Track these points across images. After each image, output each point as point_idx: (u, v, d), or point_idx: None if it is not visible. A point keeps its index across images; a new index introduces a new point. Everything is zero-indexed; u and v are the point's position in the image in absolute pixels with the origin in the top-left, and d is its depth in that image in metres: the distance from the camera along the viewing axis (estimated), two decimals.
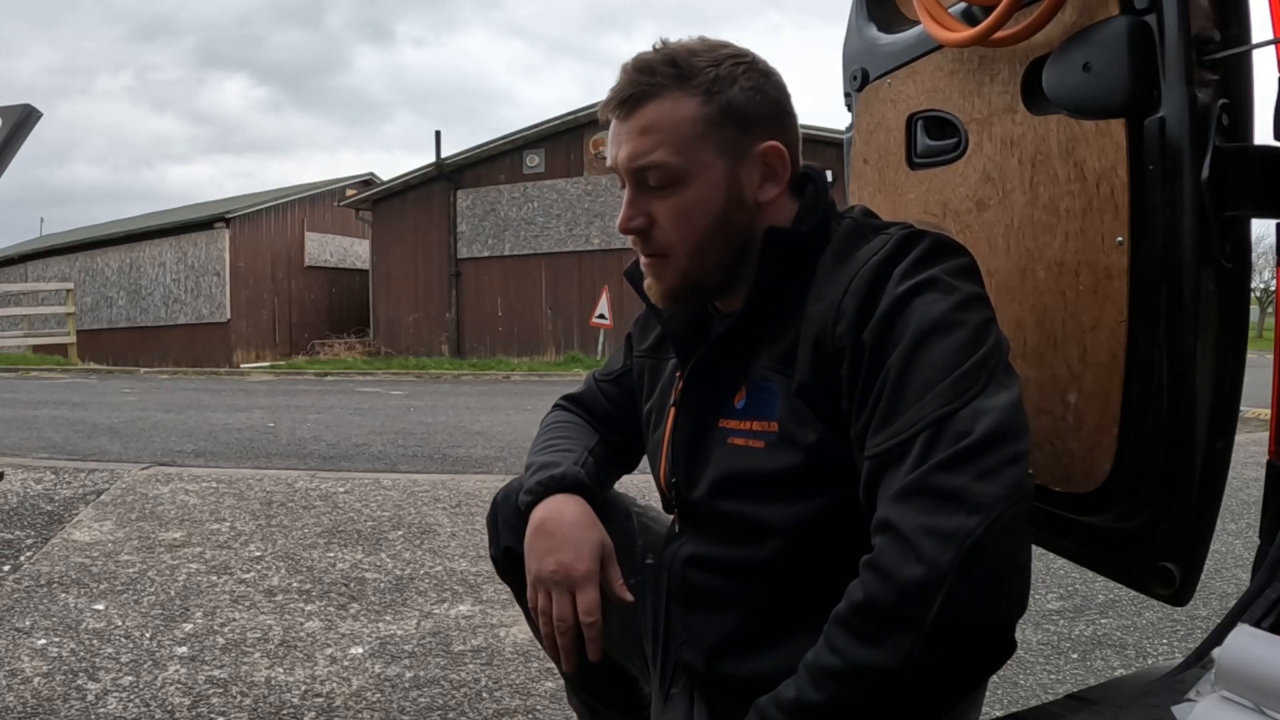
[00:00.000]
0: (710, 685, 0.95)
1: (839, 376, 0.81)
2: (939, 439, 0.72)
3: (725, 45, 0.91)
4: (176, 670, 1.81)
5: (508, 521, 1.15)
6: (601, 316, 12.75)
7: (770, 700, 0.75)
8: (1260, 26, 0.93)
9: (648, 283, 0.95)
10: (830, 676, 0.70)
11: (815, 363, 0.83)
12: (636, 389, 1.12)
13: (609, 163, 0.92)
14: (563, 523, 0.96)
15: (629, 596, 0.95)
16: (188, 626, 2.06)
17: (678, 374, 0.99)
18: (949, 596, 0.66)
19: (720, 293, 0.94)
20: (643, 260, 0.94)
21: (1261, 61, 0.93)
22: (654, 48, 0.90)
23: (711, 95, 0.87)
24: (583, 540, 0.95)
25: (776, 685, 0.75)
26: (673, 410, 0.99)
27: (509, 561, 1.18)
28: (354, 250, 18.94)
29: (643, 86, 0.88)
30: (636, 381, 1.12)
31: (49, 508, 3.10)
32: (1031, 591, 0.76)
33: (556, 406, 1.21)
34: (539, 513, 0.99)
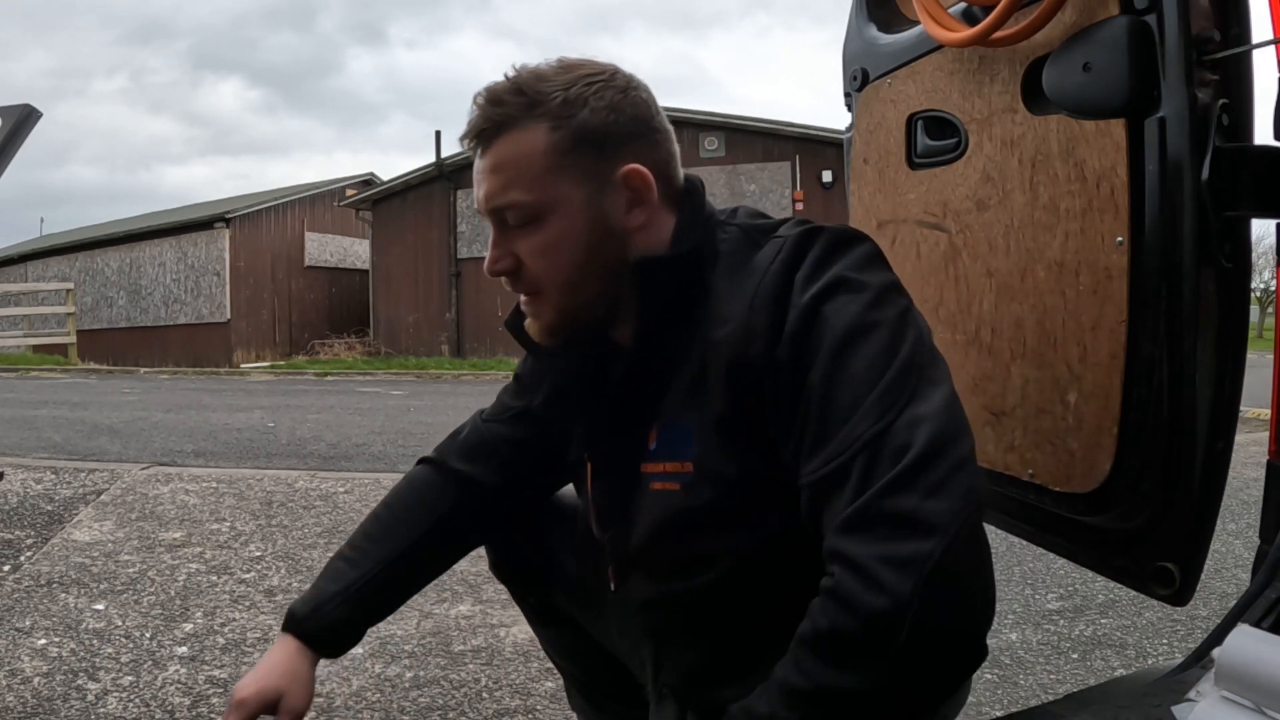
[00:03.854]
0: (693, 707, 0.93)
1: (759, 401, 0.77)
2: (878, 459, 0.69)
3: (581, 65, 0.85)
4: (176, 670, 1.81)
5: (502, 534, 1.15)
6: None
7: (743, 712, 0.72)
8: (1260, 26, 0.93)
9: (527, 322, 0.90)
10: (801, 698, 0.69)
11: (731, 392, 0.78)
12: (548, 440, 1.03)
13: (475, 204, 0.88)
14: (261, 662, 1.00)
15: None
16: (188, 626, 2.06)
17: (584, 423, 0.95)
18: (916, 623, 0.64)
19: (606, 324, 0.89)
20: (521, 300, 0.89)
21: (1261, 61, 0.93)
22: (505, 75, 0.84)
23: (561, 121, 0.82)
24: (259, 679, 0.96)
25: None
26: (588, 465, 0.95)
27: (508, 564, 1.18)
28: (354, 250, 18.94)
29: (492, 121, 0.83)
30: (545, 435, 1.03)
31: (49, 508, 3.10)
32: (1031, 592, 0.75)
33: (423, 462, 1.11)
34: (276, 642, 1.02)
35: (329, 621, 1.01)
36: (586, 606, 1.14)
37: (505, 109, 0.82)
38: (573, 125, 0.82)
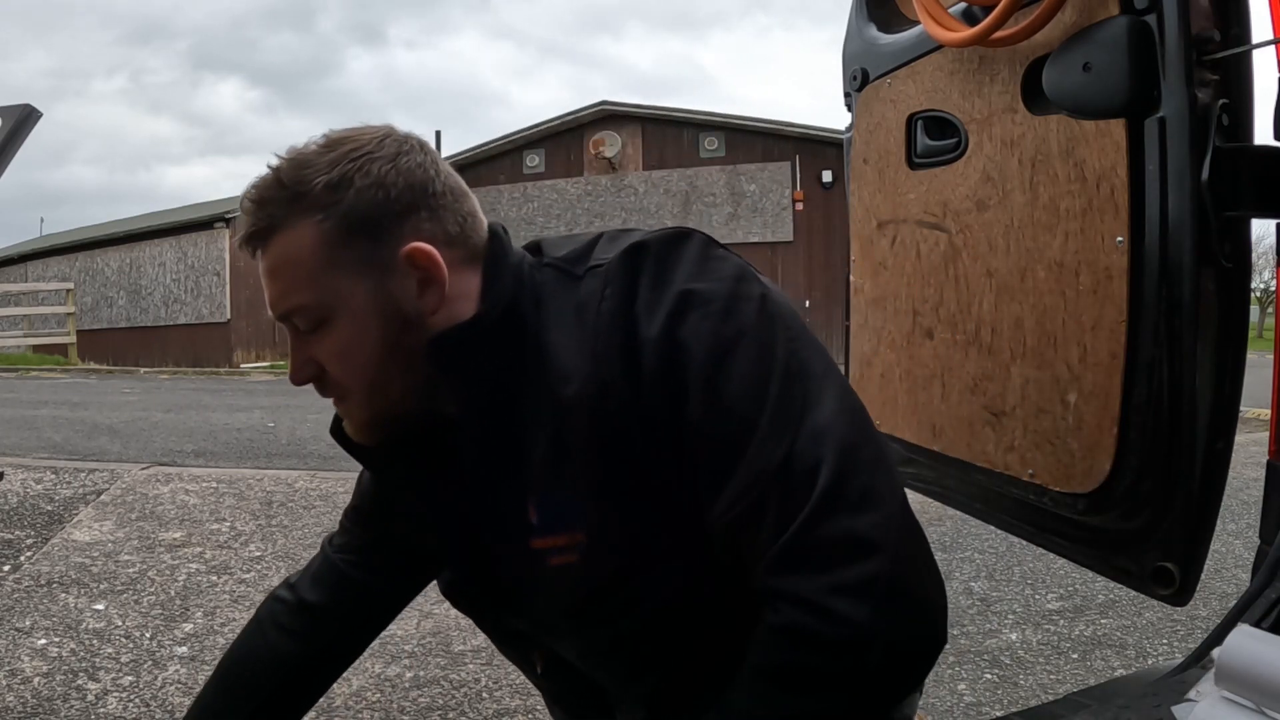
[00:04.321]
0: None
1: (636, 455, 0.71)
2: (792, 488, 0.64)
3: (347, 140, 0.76)
4: (176, 670, 1.81)
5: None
6: None
7: None
8: (1260, 26, 0.93)
9: (346, 424, 0.83)
10: None
11: (600, 451, 0.72)
12: (414, 554, 0.97)
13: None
14: None
15: None
16: (188, 626, 2.06)
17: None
18: (884, 643, 0.63)
19: (429, 414, 0.80)
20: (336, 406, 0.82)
21: (1261, 61, 0.93)
22: (269, 165, 0.76)
23: (328, 210, 0.73)
24: None
25: None
26: (470, 556, 0.87)
27: (453, 594, 1.15)
28: None
29: (260, 223, 0.75)
30: (410, 551, 0.96)
31: (49, 508, 3.10)
32: (1031, 592, 0.76)
33: (272, 600, 1.03)
34: None
35: None
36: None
37: (269, 209, 0.74)
38: (339, 213, 0.73)
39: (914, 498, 0.78)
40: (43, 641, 1.93)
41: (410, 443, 0.82)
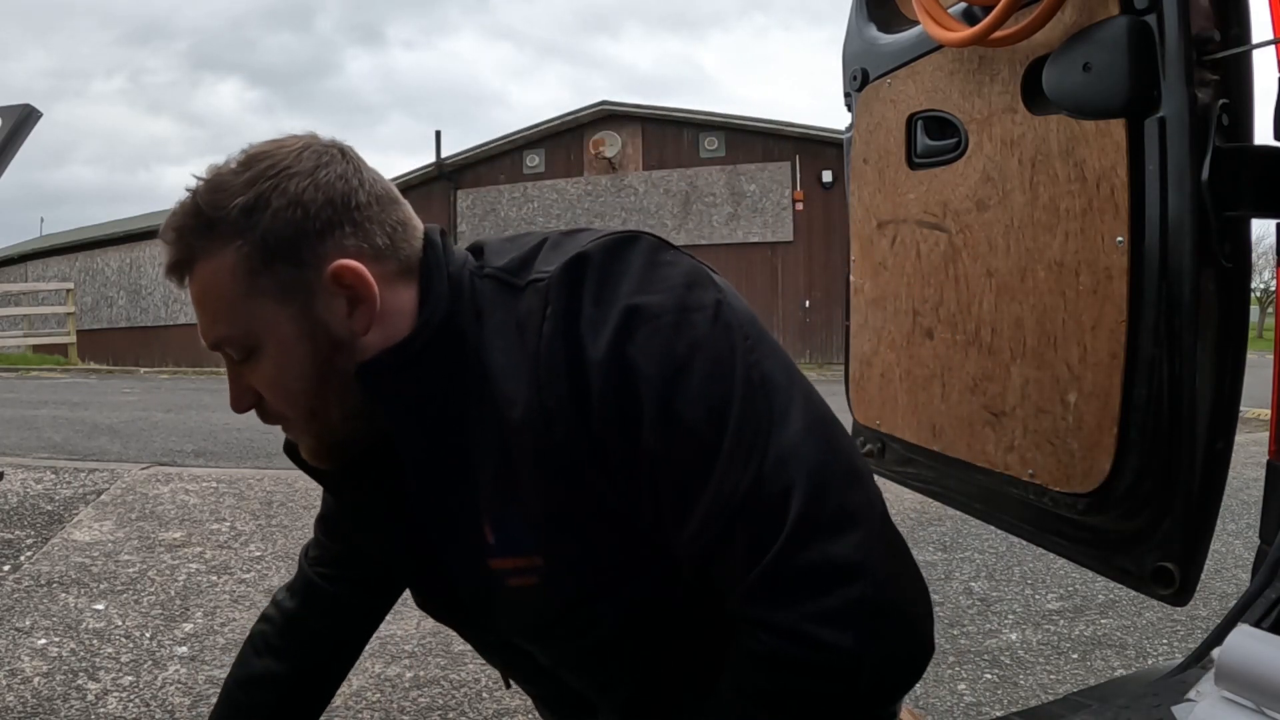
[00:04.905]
0: None
1: (586, 484, 0.68)
2: (763, 515, 0.62)
3: (264, 156, 0.72)
4: (177, 670, 1.81)
5: None
6: None
7: None
8: (1260, 26, 0.93)
9: (299, 448, 0.80)
10: None
11: (548, 481, 0.69)
12: (383, 569, 0.95)
13: None
14: None
15: None
16: (188, 626, 2.06)
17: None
18: (874, 664, 0.62)
19: (373, 436, 0.77)
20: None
21: (1261, 61, 0.93)
22: (187, 188, 0.72)
23: (245, 235, 0.69)
24: None
25: None
26: (430, 577, 0.86)
27: (429, 608, 1.15)
28: None
29: (179, 255, 0.72)
30: (371, 562, 0.95)
31: (49, 507, 3.10)
32: (1031, 592, 0.76)
33: (260, 625, 1.02)
34: None
35: None
36: None
37: (188, 238, 0.71)
38: (256, 238, 0.69)
39: (914, 498, 0.77)
40: (43, 641, 1.93)
41: (363, 464, 0.80)
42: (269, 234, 0.69)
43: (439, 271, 0.74)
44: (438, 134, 15.86)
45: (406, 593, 1.05)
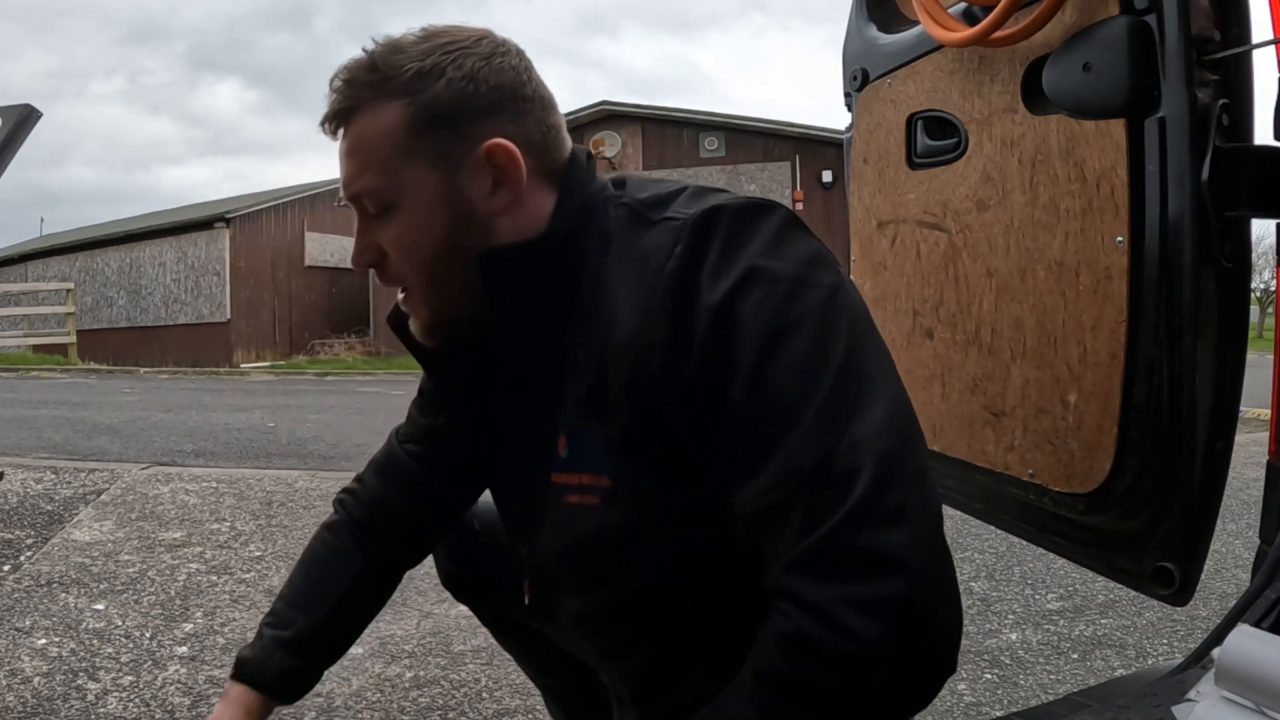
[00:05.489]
0: (649, 714, 0.89)
1: (668, 422, 0.69)
2: (826, 490, 0.62)
3: (445, 33, 0.76)
4: (177, 670, 1.81)
5: (447, 546, 1.12)
6: None
7: None
8: (1260, 26, 0.93)
9: (410, 321, 0.83)
10: None
11: (634, 409, 0.70)
12: (464, 455, 0.96)
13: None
14: (227, 714, 0.92)
15: None
16: (188, 626, 2.06)
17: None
18: (891, 665, 0.61)
19: (480, 324, 0.80)
20: (398, 296, 0.82)
21: (1261, 61, 0.93)
22: (364, 49, 0.76)
23: (414, 97, 0.74)
24: None
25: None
26: (499, 474, 0.90)
27: (455, 583, 1.15)
28: None
29: (345, 102, 0.76)
30: (459, 450, 0.96)
31: (49, 507, 3.10)
32: (1031, 592, 0.76)
33: (337, 503, 1.03)
34: (228, 692, 0.94)
35: (282, 669, 0.94)
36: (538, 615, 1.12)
37: (356, 89, 0.75)
38: (424, 101, 0.73)
39: None
40: (43, 641, 1.93)
41: (464, 350, 0.83)
42: (437, 100, 0.73)
43: (578, 187, 0.78)
44: None
45: (404, 594, 1.06)
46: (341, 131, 0.77)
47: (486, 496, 1.11)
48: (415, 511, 1.00)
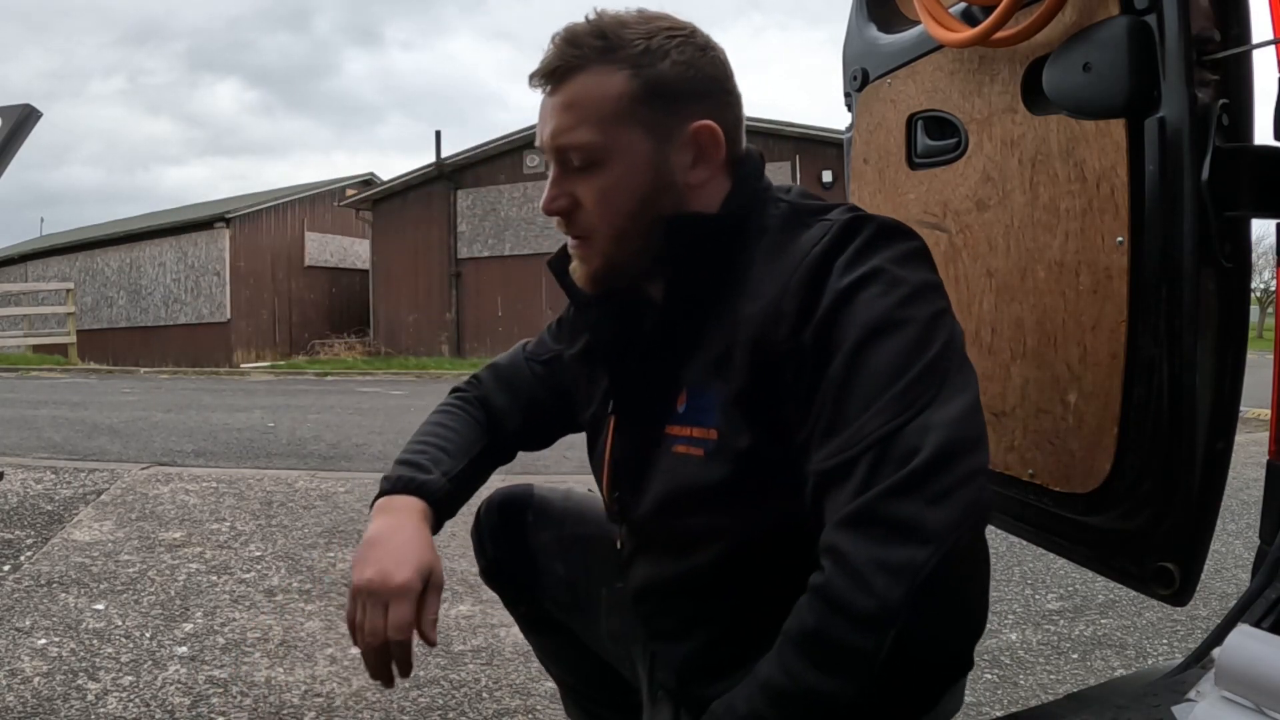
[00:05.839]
0: (685, 704, 0.93)
1: (780, 383, 0.76)
2: (885, 460, 0.68)
3: (663, 18, 0.85)
4: (177, 670, 1.81)
5: (493, 533, 1.15)
6: None
7: (726, 709, 0.72)
8: (1260, 26, 0.93)
9: (573, 266, 0.90)
10: (785, 698, 0.68)
11: (754, 369, 0.78)
12: (573, 391, 1.05)
13: (536, 141, 0.88)
14: (395, 537, 0.89)
15: (434, 638, 0.86)
16: (188, 626, 2.06)
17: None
18: (902, 632, 0.64)
19: (647, 278, 0.89)
20: (570, 243, 0.90)
21: (1261, 61, 0.93)
22: (586, 18, 0.84)
23: (639, 70, 0.82)
24: (410, 557, 0.87)
25: None
26: (612, 420, 0.95)
27: (499, 570, 1.18)
28: (354, 250, 18.94)
29: (568, 60, 0.83)
30: (573, 384, 1.05)
31: (49, 507, 3.10)
32: (1031, 592, 0.76)
33: (457, 392, 1.12)
34: (378, 522, 0.92)
35: (445, 490, 0.99)
36: (576, 611, 1.14)
37: (583, 50, 0.82)
38: (650, 75, 0.82)
39: None
40: (43, 641, 1.93)
41: (617, 299, 0.91)
42: (661, 77, 0.82)
43: (751, 179, 0.88)
44: (438, 134, 15.89)
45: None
46: (554, 86, 0.84)
47: (547, 492, 1.17)
48: (519, 422, 1.09)
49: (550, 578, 1.13)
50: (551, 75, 0.83)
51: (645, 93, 0.82)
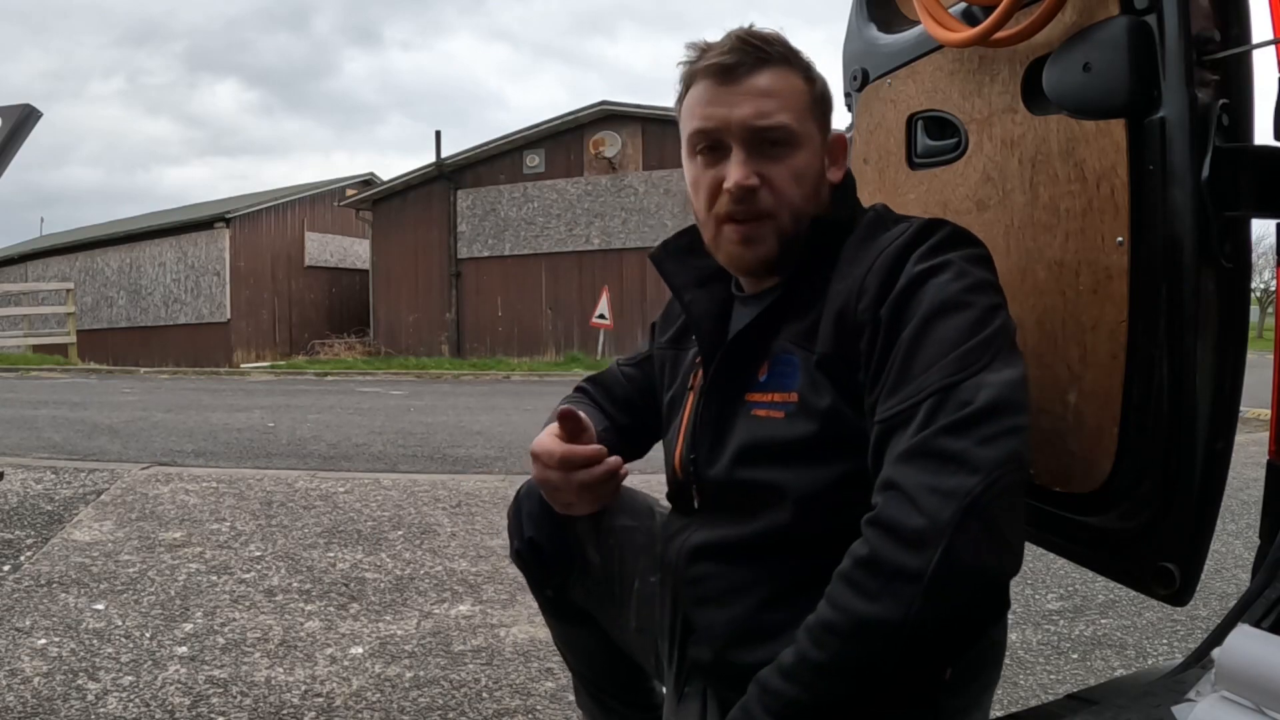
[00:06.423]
0: (720, 679, 0.95)
1: (857, 350, 0.85)
2: (943, 405, 0.76)
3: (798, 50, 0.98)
4: (176, 670, 1.81)
5: (531, 514, 1.15)
6: (601, 316, 12.74)
7: (771, 669, 0.77)
8: (1260, 26, 0.93)
9: (735, 250, 0.96)
10: (832, 632, 0.73)
11: (837, 337, 0.87)
12: (658, 379, 1.15)
13: (705, 125, 0.94)
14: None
15: (596, 447, 1.01)
16: (188, 626, 2.06)
17: (697, 359, 1.04)
18: (948, 549, 0.69)
19: (774, 270, 0.97)
20: (737, 229, 0.95)
21: (1261, 61, 0.93)
22: (748, 27, 0.96)
23: (811, 79, 0.96)
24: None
25: None
26: (691, 395, 1.03)
27: (532, 552, 1.18)
28: (354, 250, 18.95)
29: (761, 54, 0.93)
30: (658, 372, 1.15)
31: (49, 508, 3.10)
32: (1031, 592, 0.77)
33: (577, 389, 1.24)
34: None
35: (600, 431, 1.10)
36: (606, 600, 1.15)
37: (778, 49, 0.94)
38: (819, 84, 0.97)
39: None
40: (43, 641, 1.93)
41: (710, 291, 1.03)
42: (824, 89, 0.98)
43: (851, 188, 1.02)
44: (438, 134, 15.88)
45: (405, 594, 1.07)
46: (751, 69, 0.92)
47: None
48: (628, 422, 1.19)
49: (583, 565, 1.15)
50: (752, 61, 0.93)
51: (817, 97, 0.96)
